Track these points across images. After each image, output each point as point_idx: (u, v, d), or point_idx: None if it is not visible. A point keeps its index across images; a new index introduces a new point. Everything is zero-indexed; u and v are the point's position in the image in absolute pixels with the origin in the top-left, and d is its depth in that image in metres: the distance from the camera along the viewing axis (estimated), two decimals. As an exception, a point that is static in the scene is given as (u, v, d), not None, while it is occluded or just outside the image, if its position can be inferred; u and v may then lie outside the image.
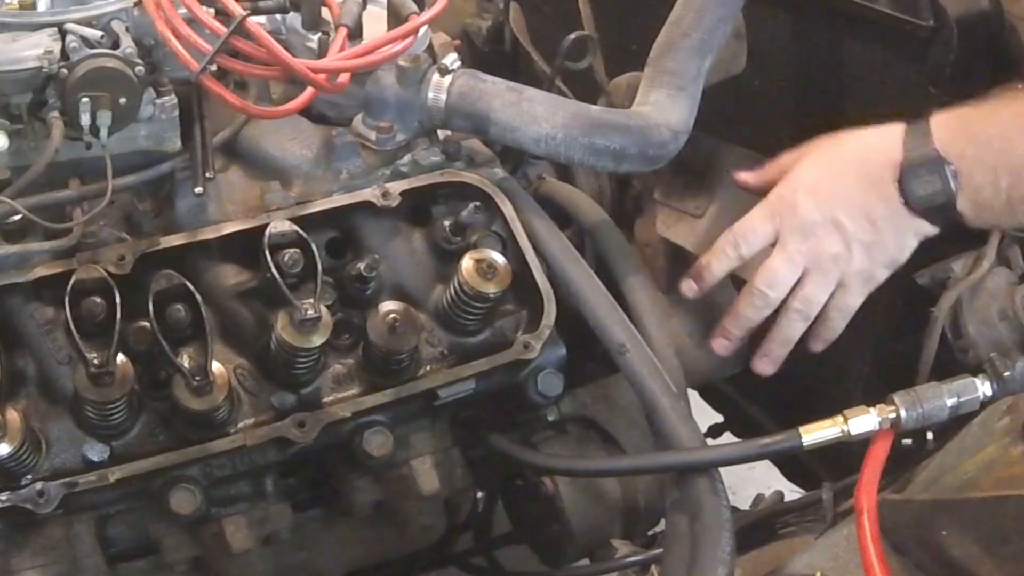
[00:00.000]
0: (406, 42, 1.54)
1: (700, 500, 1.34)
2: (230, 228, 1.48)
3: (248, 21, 1.40)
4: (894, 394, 1.35)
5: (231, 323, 1.47)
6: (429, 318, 1.53)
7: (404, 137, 1.60)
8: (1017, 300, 1.52)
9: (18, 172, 1.38)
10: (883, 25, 1.57)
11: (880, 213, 1.42)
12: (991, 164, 1.31)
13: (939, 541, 1.26)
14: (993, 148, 1.31)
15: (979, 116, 1.34)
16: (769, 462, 1.92)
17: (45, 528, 1.38)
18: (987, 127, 1.32)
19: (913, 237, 1.44)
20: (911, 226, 1.42)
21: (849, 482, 1.47)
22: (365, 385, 1.48)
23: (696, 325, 1.84)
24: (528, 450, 1.60)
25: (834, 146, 1.47)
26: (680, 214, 1.77)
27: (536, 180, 1.78)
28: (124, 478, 1.35)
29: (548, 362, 1.53)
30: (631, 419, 1.68)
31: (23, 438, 1.32)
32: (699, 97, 1.56)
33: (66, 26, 1.39)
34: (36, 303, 1.41)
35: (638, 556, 1.54)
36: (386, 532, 1.60)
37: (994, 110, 1.32)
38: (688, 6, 1.56)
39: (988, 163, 1.31)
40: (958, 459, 1.32)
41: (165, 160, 1.48)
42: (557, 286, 1.54)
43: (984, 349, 1.51)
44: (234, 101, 1.45)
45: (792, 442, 1.36)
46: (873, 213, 1.42)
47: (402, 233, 1.56)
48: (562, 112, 1.53)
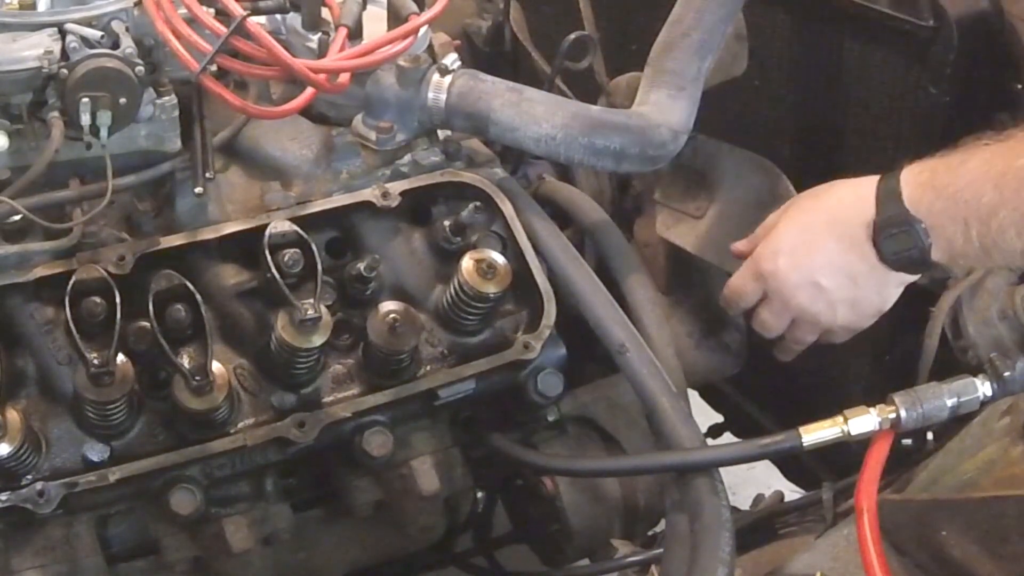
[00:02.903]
0: (406, 42, 1.54)
1: (700, 500, 1.34)
2: (230, 228, 1.48)
3: (248, 21, 1.40)
4: (894, 394, 1.35)
5: (231, 323, 1.47)
6: (429, 318, 1.53)
7: (404, 137, 1.60)
8: (1017, 300, 1.52)
9: (18, 172, 1.38)
10: (883, 25, 1.57)
11: (860, 270, 1.44)
12: (960, 216, 1.33)
13: (939, 541, 1.26)
14: (961, 200, 1.32)
15: (947, 168, 1.35)
16: (769, 462, 1.92)
17: (45, 528, 1.38)
18: (955, 179, 1.34)
19: (895, 287, 1.47)
20: (891, 279, 1.45)
21: (849, 482, 1.48)
22: (365, 385, 1.48)
23: (696, 325, 1.84)
24: (528, 450, 1.60)
25: (812, 206, 1.50)
26: (680, 215, 1.77)
27: (536, 180, 1.78)
28: (124, 478, 1.35)
29: (548, 362, 1.53)
30: (631, 419, 1.68)
31: (23, 438, 1.32)
32: (699, 97, 1.56)
33: (66, 26, 1.39)
34: (36, 303, 1.41)
35: (638, 556, 1.54)
36: (386, 532, 1.60)
37: (962, 161, 1.34)
38: (688, 6, 1.56)
39: (957, 216, 1.33)
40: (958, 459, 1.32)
41: (165, 160, 1.48)
42: (557, 286, 1.54)
43: (984, 349, 1.50)
44: (234, 101, 1.45)
45: (792, 442, 1.36)
46: (853, 271, 1.45)
47: (402, 233, 1.56)
48: (562, 112, 1.53)
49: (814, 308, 1.49)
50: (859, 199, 1.42)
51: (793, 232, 1.49)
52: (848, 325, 1.51)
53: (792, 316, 1.52)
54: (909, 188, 1.37)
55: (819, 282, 1.46)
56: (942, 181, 1.35)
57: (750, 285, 1.54)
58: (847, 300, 1.47)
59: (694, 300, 1.85)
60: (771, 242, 1.51)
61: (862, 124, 1.68)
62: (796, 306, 1.50)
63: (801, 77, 1.76)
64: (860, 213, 1.41)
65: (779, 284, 1.49)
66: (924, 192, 1.36)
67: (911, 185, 1.37)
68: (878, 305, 1.48)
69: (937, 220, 1.35)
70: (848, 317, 1.49)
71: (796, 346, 1.59)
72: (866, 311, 1.49)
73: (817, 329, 1.53)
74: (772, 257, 1.49)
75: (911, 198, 1.37)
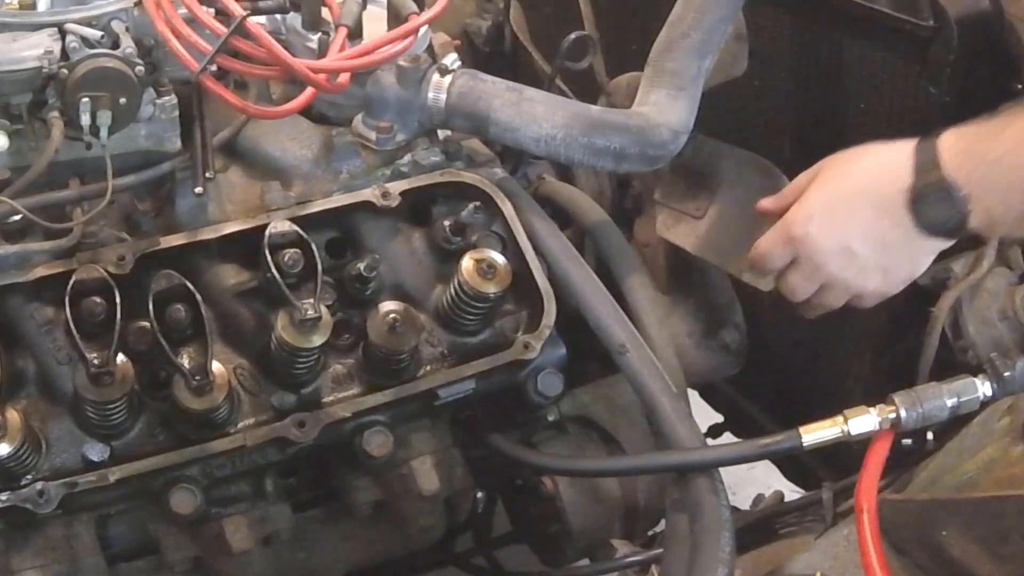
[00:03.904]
0: (406, 42, 1.54)
1: (700, 500, 1.34)
2: (230, 228, 1.48)
3: (248, 21, 1.40)
4: (894, 394, 1.35)
5: (231, 323, 1.47)
6: (429, 318, 1.53)
7: (404, 137, 1.60)
8: (1017, 300, 1.52)
9: (18, 172, 1.38)
10: (883, 25, 1.57)
11: (894, 237, 1.42)
12: (1001, 184, 1.31)
13: (939, 541, 1.26)
14: (1002, 167, 1.31)
15: (986, 135, 1.33)
16: (769, 462, 1.92)
17: (45, 528, 1.38)
18: (995, 146, 1.32)
19: (928, 255, 1.45)
20: (926, 246, 1.43)
21: (849, 482, 1.47)
22: (365, 385, 1.48)
23: (696, 325, 1.84)
24: (528, 450, 1.60)
25: (845, 170, 1.47)
26: (680, 215, 1.77)
27: (536, 180, 1.78)
28: (124, 478, 1.35)
29: (548, 362, 1.53)
30: (631, 419, 1.68)
31: (23, 438, 1.32)
32: (699, 97, 1.56)
33: (66, 26, 1.39)
34: (36, 303, 1.41)
35: (638, 556, 1.55)
36: (386, 532, 1.60)
37: (1002, 128, 1.32)
38: (688, 6, 1.56)
39: (998, 183, 1.32)
40: (958, 459, 1.32)
41: (165, 160, 1.48)
42: (557, 286, 1.54)
43: (984, 349, 1.50)
44: (234, 101, 1.45)
45: (792, 442, 1.36)
46: (887, 238, 1.43)
47: (402, 233, 1.56)
48: (562, 112, 1.53)
49: (845, 274, 1.46)
50: (895, 165, 1.40)
51: (826, 197, 1.46)
52: (878, 291, 1.48)
53: (822, 281, 1.49)
54: (947, 155, 1.35)
55: (852, 248, 1.44)
56: (982, 148, 1.33)
57: (780, 249, 1.50)
58: (879, 267, 1.45)
59: (694, 300, 1.84)
60: (803, 206, 1.48)
61: (862, 124, 1.68)
62: (827, 272, 1.47)
63: (801, 77, 1.76)
64: (896, 179, 1.39)
65: (811, 249, 1.46)
66: (963, 159, 1.34)
67: (949, 152, 1.35)
68: (910, 271, 1.46)
69: (976, 188, 1.33)
70: (879, 284, 1.47)
71: (822, 310, 1.56)
72: (897, 278, 1.47)
73: (847, 295, 1.50)
74: (804, 222, 1.47)
75: (950, 165, 1.34)
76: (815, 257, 1.47)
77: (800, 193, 1.50)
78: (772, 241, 1.52)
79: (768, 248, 1.52)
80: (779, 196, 1.55)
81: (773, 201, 1.56)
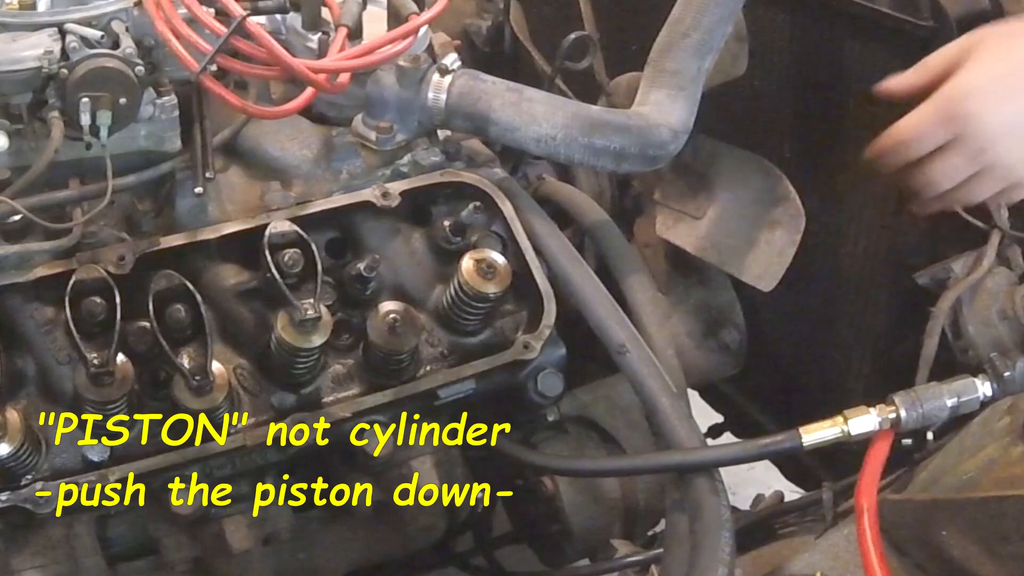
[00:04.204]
0: (406, 42, 1.54)
1: (700, 500, 1.34)
2: (230, 228, 1.48)
3: (248, 21, 1.40)
4: (894, 394, 1.35)
5: (231, 323, 1.47)
6: (429, 318, 1.53)
7: (404, 137, 1.60)
8: (1017, 300, 1.52)
9: (18, 172, 1.38)
10: (883, 25, 1.57)
11: None
12: None
13: (939, 541, 1.26)
14: None
15: None
16: (769, 462, 1.92)
17: (45, 528, 1.38)
18: None
19: None
20: None
21: (849, 482, 1.47)
22: (365, 385, 1.48)
23: (696, 325, 1.84)
24: (528, 450, 1.60)
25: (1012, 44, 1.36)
26: (680, 215, 1.77)
27: (536, 180, 1.78)
28: (124, 478, 1.35)
29: (548, 362, 1.53)
30: (631, 419, 1.68)
31: (23, 438, 1.32)
32: (699, 97, 1.56)
33: (66, 26, 1.39)
34: (36, 303, 1.41)
35: (638, 556, 1.54)
36: (386, 532, 1.60)
37: None
38: (688, 6, 1.56)
39: None
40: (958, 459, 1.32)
41: (165, 160, 1.48)
42: (557, 286, 1.54)
43: (984, 349, 1.50)
44: (234, 101, 1.45)
45: (792, 442, 1.36)
46: None
47: (402, 233, 1.56)
48: (562, 112, 1.53)
49: (1012, 157, 1.35)
50: None
51: (992, 72, 1.34)
52: None
53: (981, 166, 1.36)
54: None
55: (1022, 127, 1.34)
56: None
57: (934, 129, 1.37)
58: None
59: (694, 300, 1.85)
60: (964, 80, 1.34)
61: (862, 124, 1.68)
62: (992, 155, 1.34)
63: (801, 77, 1.76)
64: None
65: (976, 128, 1.34)
66: None
67: None
68: None
69: None
70: None
71: (964, 202, 1.43)
72: None
73: (1004, 182, 1.39)
74: (966, 98, 1.34)
75: None
76: (980, 137, 1.34)
77: (946, 69, 1.38)
78: (924, 120, 1.38)
79: (920, 127, 1.38)
80: (922, 70, 1.41)
81: (914, 74, 1.41)
